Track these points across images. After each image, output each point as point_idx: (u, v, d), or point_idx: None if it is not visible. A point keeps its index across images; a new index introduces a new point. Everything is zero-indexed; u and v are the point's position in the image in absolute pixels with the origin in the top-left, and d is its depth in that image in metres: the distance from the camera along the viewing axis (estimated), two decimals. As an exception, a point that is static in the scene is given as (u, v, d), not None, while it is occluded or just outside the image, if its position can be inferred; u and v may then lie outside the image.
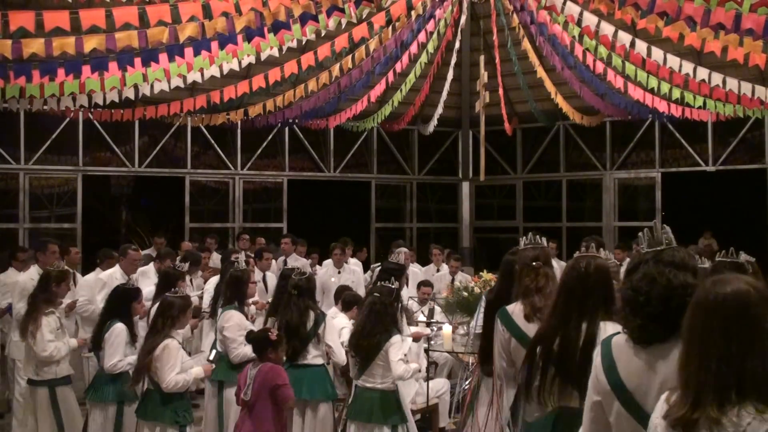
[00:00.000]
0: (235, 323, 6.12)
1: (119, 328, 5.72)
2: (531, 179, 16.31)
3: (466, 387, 8.12)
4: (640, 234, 2.82)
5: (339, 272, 9.82)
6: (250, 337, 5.56)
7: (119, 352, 5.70)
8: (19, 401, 7.27)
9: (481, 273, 8.16)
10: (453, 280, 9.62)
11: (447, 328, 7.61)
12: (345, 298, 7.16)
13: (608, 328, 3.20)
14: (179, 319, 5.45)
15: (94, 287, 7.68)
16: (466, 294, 7.72)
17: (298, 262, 10.61)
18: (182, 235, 13.27)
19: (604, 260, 3.54)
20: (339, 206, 15.93)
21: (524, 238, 4.42)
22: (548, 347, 3.34)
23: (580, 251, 3.58)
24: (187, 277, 7.59)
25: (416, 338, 7.12)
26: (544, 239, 4.38)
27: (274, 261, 9.75)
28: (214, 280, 7.89)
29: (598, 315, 3.35)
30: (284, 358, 5.70)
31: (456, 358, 8.25)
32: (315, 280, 6.58)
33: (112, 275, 7.62)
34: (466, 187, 15.95)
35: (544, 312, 3.98)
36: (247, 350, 5.99)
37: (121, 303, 5.89)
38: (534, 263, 4.12)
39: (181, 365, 5.29)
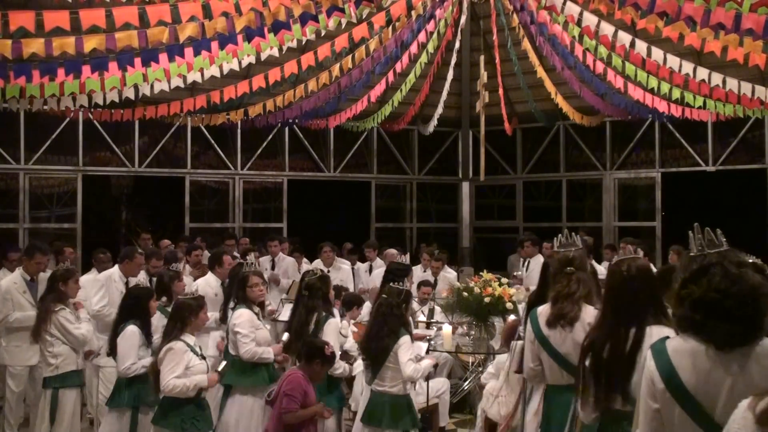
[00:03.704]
0: (247, 320, 6.02)
1: (131, 331, 5.62)
2: (531, 179, 16.31)
3: (466, 387, 8.16)
4: (690, 235, 2.73)
5: (328, 271, 9.78)
6: (307, 342, 5.46)
7: (132, 355, 5.59)
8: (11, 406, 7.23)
9: (481, 273, 8.15)
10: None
11: (447, 328, 7.62)
12: (345, 298, 7.13)
13: (654, 332, 3.17)
14: (191, 321, 5.35)
15: (90, 289, 7.57)
16: (466, 294, 7.72)
17: (284, 262, 10.66)
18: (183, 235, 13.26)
19: (645, 261, 3.54)
20: (339, 206, 15.92)
21: (559, 236, 4.44)
22: (599, 354, 3.31)
23: (618, 254, 3.62)
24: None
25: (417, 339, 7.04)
26: (577, 237, 4.41)
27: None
28: (203, 280, 7.90)
29: (647, 320, 3.34)
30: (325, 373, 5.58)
31: (456, 358, 8.27)
32: (329, 280, 6.40)
33: (111, 276, 7.55)
34: (466, 187, 15.93)
35: (568, 317, 4.08)
36: (259, 350, 5.96)
37: (136, 304, 5.78)
38: (567, 269, 4.18)
39: (185, 369, 5.18)
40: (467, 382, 8.21)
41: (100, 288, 7.35)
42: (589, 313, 4.05)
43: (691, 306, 2.55)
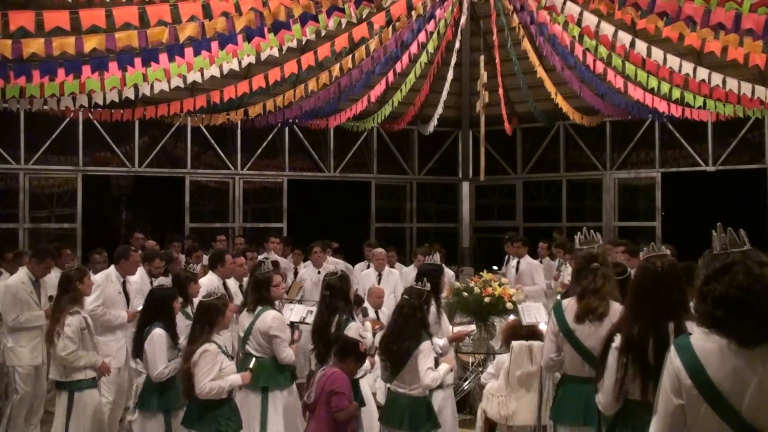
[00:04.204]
0: (281, 323, 6.07)
1: (158, 334, 5.56)
2: (531, 179, 16.31)
3: (466, 387, 8.16)
4: (714, 234, 2.76)
5: (319, 272, 9.78)
6: (342, 339, 5.45)
7: (163, 360, 5.55)
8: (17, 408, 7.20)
9: (481, 273, 8.16)
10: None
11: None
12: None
13: (690, 327, 3.19)
14: (219, 321, 5.34)
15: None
16: (466, 294, 7.72)
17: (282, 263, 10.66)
18: (182, 234, 13.26)
19: (674, 258, 3.60)
20: (339, 206, 15.91)
21: (579, 235, 4.53)
22: (640, 350, 3.34)
23: (644, 251, 3.65)
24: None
25: (458, 339, 6.98)
26: (598, 235, 4.51)
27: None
28: (206, 279, 7.89)
29: (682, 314, 3.39)
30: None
31: (456, 358, 8.26)
32: (349, 279, 6.38)
33: (108, 276, 7.53)
34: (466, 187, 15.93)
35: (597, 312, 4.17)
36: (291, 352, 6.01)
37: (161, 306, 5.72)
38: (593, 265, 4.28)
39: (218, 371, 5.17)
40: (467, 382, 8.21)
41: (96, 288, 7.29)
42: (616, 309, 4.14)
43: (713, 303, 2.59)
